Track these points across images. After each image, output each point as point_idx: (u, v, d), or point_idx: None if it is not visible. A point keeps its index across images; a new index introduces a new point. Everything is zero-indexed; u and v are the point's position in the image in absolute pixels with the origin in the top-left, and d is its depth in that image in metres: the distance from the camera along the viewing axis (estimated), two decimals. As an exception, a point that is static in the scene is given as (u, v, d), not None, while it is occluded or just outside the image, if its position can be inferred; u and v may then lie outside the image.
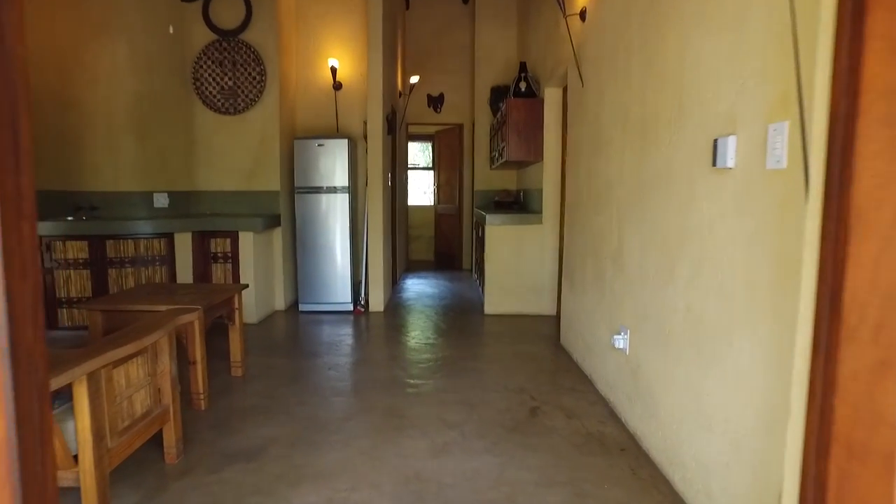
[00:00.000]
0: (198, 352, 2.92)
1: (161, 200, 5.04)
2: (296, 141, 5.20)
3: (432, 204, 9.19)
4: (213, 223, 4.80)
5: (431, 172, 9.46)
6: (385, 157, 5.50)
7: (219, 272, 4.89)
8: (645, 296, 2.53)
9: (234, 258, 4.86)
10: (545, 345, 4.24)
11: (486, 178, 7.02)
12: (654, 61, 2.43)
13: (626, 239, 2.79)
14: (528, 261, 5.16)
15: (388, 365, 3.79)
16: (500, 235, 5.14)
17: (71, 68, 4.77)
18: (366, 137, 5.34)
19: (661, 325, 2.35)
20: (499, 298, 5.23)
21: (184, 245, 4.73)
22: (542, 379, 3.46)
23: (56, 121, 4.84)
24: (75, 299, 4.50)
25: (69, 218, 4.56)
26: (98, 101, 4.81)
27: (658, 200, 2.38)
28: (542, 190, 5.14)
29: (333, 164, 5.20)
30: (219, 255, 4.87)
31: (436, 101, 7.90)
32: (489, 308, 5.25)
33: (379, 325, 4.97)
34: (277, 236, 5.37)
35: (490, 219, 5.11)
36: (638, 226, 2.61)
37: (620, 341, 2.82)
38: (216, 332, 4.18)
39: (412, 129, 8.67)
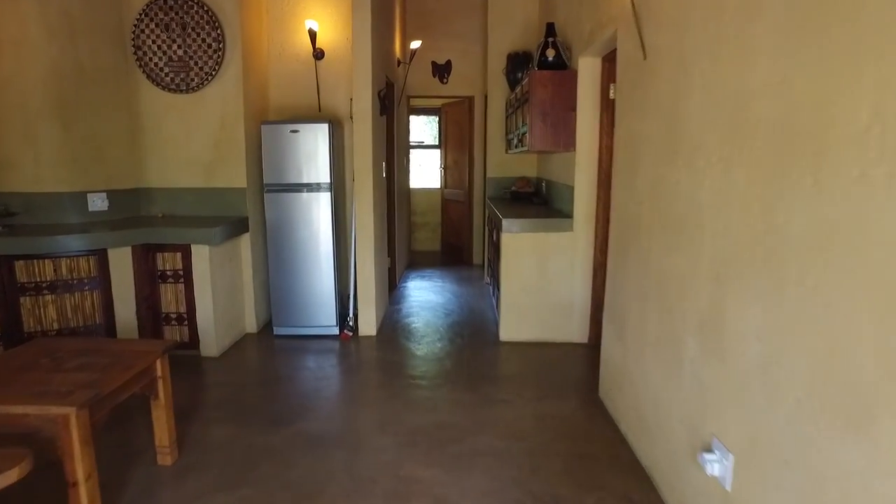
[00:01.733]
0: (79, 469, 1.96)
1: (97, 202, 4.04)
2: (263, 126, 4.14)
3: (440, 187, 8.12)
4: (157, 234, 3.80)
5: (438, 151, 8.36)
6: (377, 144, 4.44)
7: (168, 295, 3.92)
8: (778, 422, 1.52)
9: (186, 276, 3.88)
10: (578, 401, 3.26)
11: (501, 162, 5.94)
12: (824, 29, 1.36)
13: (732, 311, 1.76)
14: (553, 276, 4.14)
15: (374, 441, 2.82)
16: (520, 245, 4.11)
17: (-30, 35, 3.71)
18: (354, 119, 4.27)
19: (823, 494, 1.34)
20: (517, 322, 4.23)
21: (121, 262, 3.74)
22: (581, 476, 2.48)
23: None
24: (-18, 334, 3.55)
25: None
26: (4, 76, 3.76)
27: (821, 273, 1.34)
28: (572, 187, 4.08)
29: (312, 154, 4.15)
30: (168, 273, 3.89)
31: (442, 70, 6.75)
32: (505, 333, 4.26)
33: (369, 361, 4.00)
34: (245, 244, 4.37)
35: (507, 225, 4.07)
36: (765, 302, 1.58)
37: (715, 465, 1.82)
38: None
39: (414, 103, 7.54)
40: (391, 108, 5.55)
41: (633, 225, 2.70)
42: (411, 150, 7.68)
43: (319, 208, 4.22)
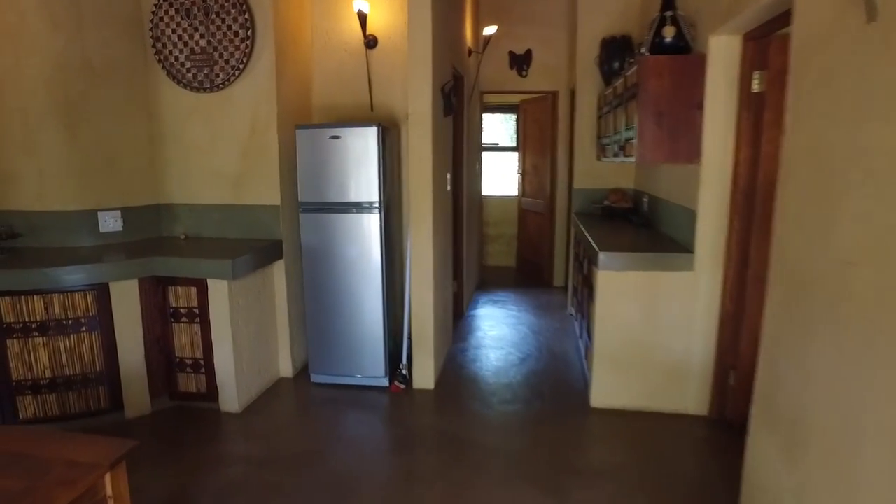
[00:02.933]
0: None
1: (110, 222, 3.43)
2: (298, 131, 3.38)
3: (517, 195, 7.16)
4: (165, 265, 3.12)
5: (515, 154, 7.40)
6: (440, 152, 3.57)
7: (183, 336, 3.24)
8: None
9: (202, 315, 3.18)
10: (714, 530, 2.24)
11: (591, 171, 4.90)
12: None
13: None
14: (665, 327, 3.11)
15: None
16: (622, 286, 3.11)
17: (-34, 27, 3.18)
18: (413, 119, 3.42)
19: None
20: (614, 384, 3.23)
21: (126, 298, 3.10)
22: None
23: None
24: (-31, 380, 3.00)
25: None
26: (1, 75, 3.21)
27: None
28: (692, 211, 3.04)
29: (357, 165, 3.35)
30: (181, 311, 3.21)
31: (521, 62, 5.79)
32: (598, 397, 3.27)
33: (424, 433, 3.14)
34: (279, 272, 3.63)
35: (605, 260, 3.08)
36: None
37: None
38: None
39: (488, 99, 6.63)
40: (459, 105, 4.67)
41: (827, 294, 1.66)
42: (484, 153, 6.77)
43: (367, 232, 3.41)
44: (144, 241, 3.56)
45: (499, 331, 4.80)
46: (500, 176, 7.90)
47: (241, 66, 3.35)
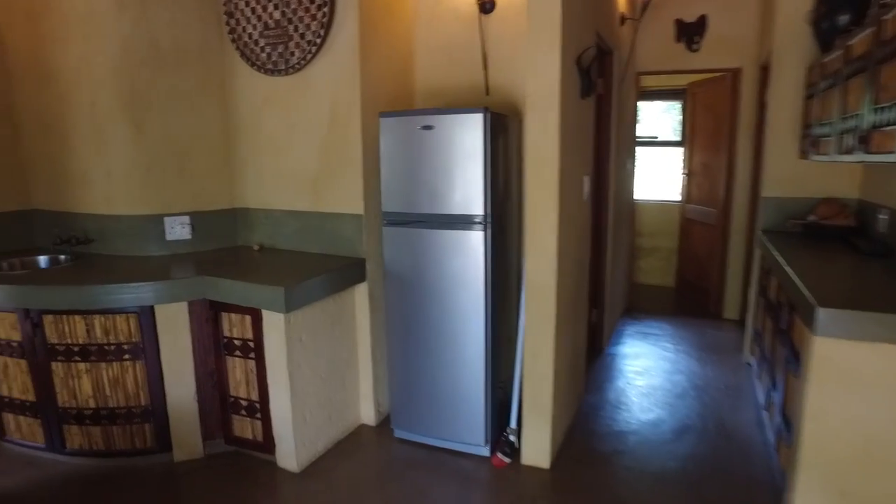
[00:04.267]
0: None
1: (177, 229, 2.98)
2: (382, 120, 2.62)
3: (679, 200, 5.83)
4: (214, 288, 2.55)
5: (679, 150, 6.05)
6: (573, 148, 2.59)
7: (237, 372, 2.67)
8: None
9: (258, 350, 2.58)
10: None
11: (790, 173, 3.54)
12: None
13: None
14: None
15: None
16: (855, 365, 1.90)
17: (40, 12, 2.90)
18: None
19: None
20: (831, 514, 2.03)
21: (174, 323, 2.59)
22: None
23: (35, 102, 3.08)
24: (19, 402, 2.71)
25: None
26: (72, 66, 2.88)
27: None
28: None
29: (455, 166, 2.51)
30: (235, 342, 2.63)
31: (691, 32, 4.53)
32: (800, 528, 2.09)
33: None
34: (361, 298, 2.93)
35: (827, 322, 1.88)
36: None
37: None
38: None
39: (646, 82, 5.41)
40: (606, 86, 3.62)
41: None
42: (638, 148, 5.55)
43: (468, 255, 2.56)
44: (214, 251, 3.07)
45: (648, 380, 3.67)
46: (658, 177, 6.58)
47: (317, 41, 2.68)
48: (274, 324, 2.46)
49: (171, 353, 2.60)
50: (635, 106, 5.04)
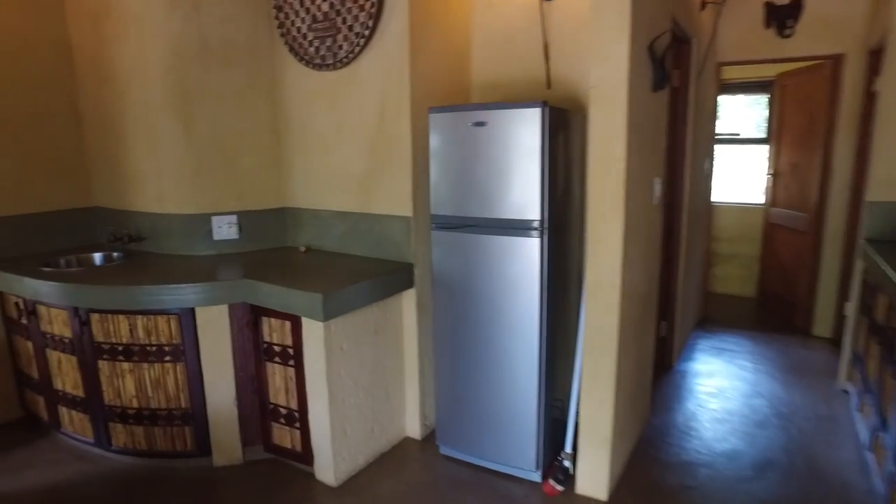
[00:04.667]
0: None
1: (224, 228, 2.93)
2: (431, 116, 2.44)
3: (763, 203, 5.31)
4: (255, 292, 2.46)
5: (764, 149, 5.51)
6: (640, 146, 2.30)
7: (277, 379, 2.57)
8: None
9: (297, 358, 2.46)
10: None
11: (902, 174, 3.07)
12: None
13: None
14: None
15: None
16: None
17: (102, 14, 2.92)
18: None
19: None
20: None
21: (214, 326, 2.52)
22: None
23: (95, 102, 3.12)
24: (70, 397, 2.74)
25: (47, 267, 2.78)
26: (127, 66, 2.89)
27: None
28: None
29: (510, 165, 2.29)
30: (275, 348, 2.53)
31: (782, 15, 4.05)
32: None
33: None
34: (408, 305, 2.77)
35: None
36: None
37: None
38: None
39: (728, 74, 4.95)
40: (682, 77, 3.29)
41: None
42: (717, 147, 5.09)
43: (522, 263, 2.34)
44: (260, 252, 3.00)
45: (722, 403, 3.31)
46: (739, 177, 6.05)
47: (366, 33, 2.52)
48: (313, 331, 2.34)
49: (211, 357, 2.54)
50: (715, 100, 4.61)
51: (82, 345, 2.57)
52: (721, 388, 3.52)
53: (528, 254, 2.32)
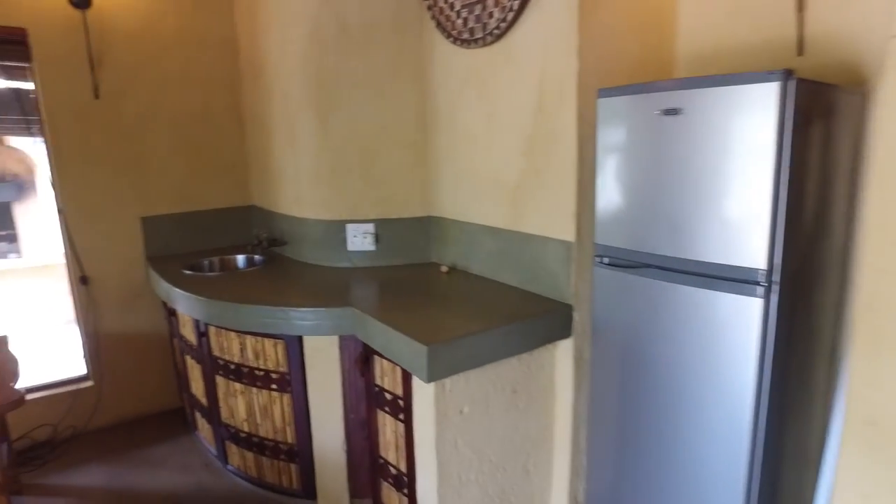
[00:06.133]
0: None
1: (359, 238, 2.56)
2: (600, 102, 1.68)
3: None
4: (364, 327, 1.98)
5: None
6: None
7: (388, 431, 2.08)
8: None
9: (406, 412, 1.95)
10: None
11: None
12: None
13: None
14: None
15: None
16: None
17: (256, 6, 2.77)
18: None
19: None
20: None
21: (323, 358, 2.14)
22: None
23: (250, 98, 3.01)
24: (200, 404, 2.64)
25: (189, 270, 2.67)
26: (273, 57, 2.68)
27: None
28: None
29: (717, 178, 1.44)
30: (386, 394, 2.05)
31: None
32: None
33: None
34: (563, 359, 2.05)
35: None
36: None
37: None
38: None
39: None
40: None
41: None
42: None
43: (730, 332, 1.48)
44: (397, 269, 2.55)
45: None
46: None
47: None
48: (422, 387, 1.79)
49: (318, 393, 2.17)
50: None
51: (202, 356, 2.41)
52: None
53: (744, 321, 1.45)
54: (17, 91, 2.79)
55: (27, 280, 5.97)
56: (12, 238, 7.09)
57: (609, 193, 1.73)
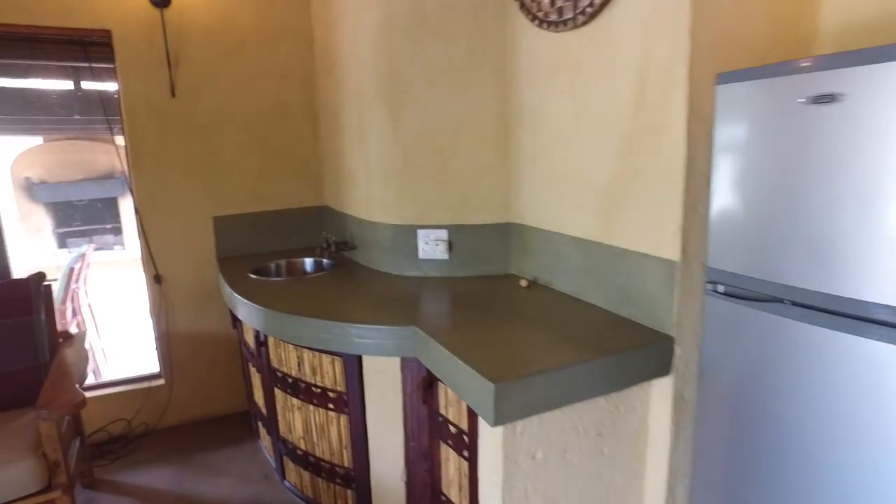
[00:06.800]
0: None
1: (430, 246, 2.34)
2: (719, 89, 1.34)
3: None
4: (427, 352, 1.74)
5: None
6: None
7: (451, 467, 1.84)
8: None
9: (472, 449, 1.70)
10: None
11: None
12: None
13: None
14: None
15: None
16: None
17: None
18: None
19: None
20: None
21: (383, 381, 1.94)
22: None
23: (323, 94, 2.89)
24: (259, 414, 2.54)
25: (255, 274, 2.56)
26: (346, 50, 2.52)
27: None
28: None
29: (885, 189, 1.07)
30: (450, 426, 1.80)
31: None
32: None
33: None
34: (660, 398, 1.72)
35: None
36: None
37: None
38: None
39: None
40: None
41: None
42: None
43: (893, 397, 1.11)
44: (471, 280, 2.30)
45: None
46: None
47: (625, -40, 1.55)
48: (492, 441, 1.53)
49: (377, 416, 1.97)
50: None
51: (261, 365, 2.29)
52: None
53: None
54: (100, 93, 2.83)
55: (130, 270, 6.32)
56: (118, 231, 7.60)
57: (727, 205, 1.39)
